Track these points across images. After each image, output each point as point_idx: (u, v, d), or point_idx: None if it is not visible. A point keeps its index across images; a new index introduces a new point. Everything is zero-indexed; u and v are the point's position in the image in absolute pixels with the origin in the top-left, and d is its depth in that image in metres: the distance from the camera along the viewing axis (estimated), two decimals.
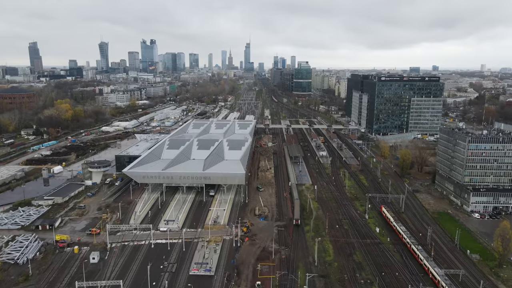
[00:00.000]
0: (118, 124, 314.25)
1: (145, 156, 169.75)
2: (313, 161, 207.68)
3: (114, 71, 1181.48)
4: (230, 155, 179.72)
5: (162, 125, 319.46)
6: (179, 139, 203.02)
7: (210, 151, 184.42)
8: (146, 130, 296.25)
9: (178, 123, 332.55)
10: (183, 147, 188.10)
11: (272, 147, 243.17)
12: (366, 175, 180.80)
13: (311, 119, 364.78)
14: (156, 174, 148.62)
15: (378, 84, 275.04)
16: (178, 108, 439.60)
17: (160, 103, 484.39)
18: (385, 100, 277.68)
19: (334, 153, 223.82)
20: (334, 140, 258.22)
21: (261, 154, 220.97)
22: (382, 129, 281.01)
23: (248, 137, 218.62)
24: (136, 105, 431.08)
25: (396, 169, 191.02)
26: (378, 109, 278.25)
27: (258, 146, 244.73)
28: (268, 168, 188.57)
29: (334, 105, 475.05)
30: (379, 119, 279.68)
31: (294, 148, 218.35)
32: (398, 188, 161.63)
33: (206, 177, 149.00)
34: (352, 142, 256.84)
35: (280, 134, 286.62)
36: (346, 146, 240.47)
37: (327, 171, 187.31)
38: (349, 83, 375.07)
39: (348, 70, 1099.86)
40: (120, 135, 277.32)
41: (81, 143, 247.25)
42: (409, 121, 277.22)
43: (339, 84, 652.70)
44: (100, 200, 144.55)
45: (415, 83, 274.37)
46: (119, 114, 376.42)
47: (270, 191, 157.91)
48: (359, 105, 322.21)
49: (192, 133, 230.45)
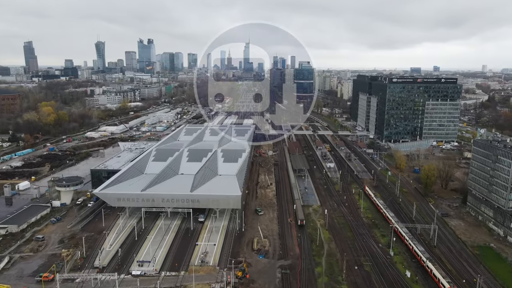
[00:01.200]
0: (105, 129, 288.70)
1: (126, 171, 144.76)
2: (320, 174, 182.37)
3: (110, 71, 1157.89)
4: (225, 169, 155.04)
5: (153, 130, 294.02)
6: (167, 149, 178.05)
7: (202, 163, 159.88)
8: (135, 136, 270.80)
9: (170, 127, 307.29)
10: (171, 158, 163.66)
11: (273, 156, 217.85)
12: (382, 192, 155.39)
13: (314, 123, 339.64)
14: (134, 196, 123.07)
15: (389, 86, 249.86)
16: (173, 110, 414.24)
17: (154, 105, 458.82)
18: (397, 103, 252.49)
19: (342, 164, 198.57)
20: (342, 148, 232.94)
21: (260, 166, 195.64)
22: (393, 135, 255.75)
23: (246, 146, 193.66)
24: (128, 107, 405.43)
25: (415, 184, 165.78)
26: (389, 114, 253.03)
27: (257, 155, 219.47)
28: (268, 184, 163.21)
29: (338, 108, 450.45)
30: (390, 124, 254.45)
31: (298, 159, 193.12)
32: (423, 211, 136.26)
33: (194, 200, 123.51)
34: (362, 150, 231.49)
35: (281, 141, 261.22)
36: (355, 156, 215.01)
37: (337, 188, 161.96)
38: (355, 85, 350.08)
39: (348, 70, 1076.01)
40: (105, 141, 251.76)
41: (60, 151, 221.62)
42: (423, 126, 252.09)
43: (342, 85, 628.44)
44: (65, 228, 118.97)
45: (430, 85, 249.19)
46: (108, 118, 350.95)
47: (271, 215, 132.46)
48: (366, 108, 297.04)
49: (183, 141, 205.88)
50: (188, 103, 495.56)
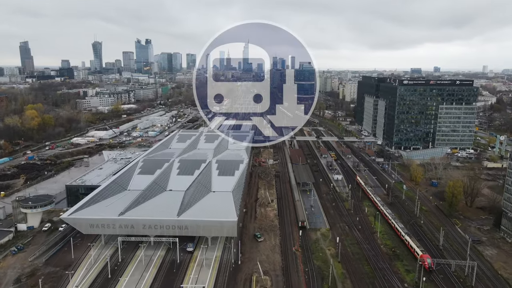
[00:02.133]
0: (93, 134, 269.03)
1: (106, 187, 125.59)
2: (326, 188, 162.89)
3: (107, 71, 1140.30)
4: (220, 184, 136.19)
5: (144, 136, 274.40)
6: (156, 160, 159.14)
7: (193, 177, 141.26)
8: (124, 142, 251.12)
9: (164, 132, 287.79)
10: (159, 171, 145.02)
11: (274, 166, 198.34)
12: (399, 211, 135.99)
13: (317, 128, 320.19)
14: (109, 222, 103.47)
15: (399, 88, 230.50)
16: (168, 113, 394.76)
17: (148, 108, 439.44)
18: (408, 107, 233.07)
19: (350, 175, 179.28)
20: (348, 157, 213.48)
21: (260, 177, 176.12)
22: (403, 142, 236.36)
23: (244, 156, 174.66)
24: (120, 110, 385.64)
25: (436, 201, 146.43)
26: (399, 119, 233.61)
27: (257, 164, 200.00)
28: (269, 201, 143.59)
29: (341, 110, 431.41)
30: (400, 130, 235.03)
31: (302, 170, 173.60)
32: (450, 236, 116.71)
33: (182, 226, 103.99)
34: (370, 159, 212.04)
35: (282, 147, 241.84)
36: (364, 166, 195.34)
37: (347, 205, 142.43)
38: (360, 87, 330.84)
39: (348, 71, 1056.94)
40: (92, 148, 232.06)
41: (40, 160, 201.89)
42: (436, 132, 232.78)
43: (344, 86, 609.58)
44: (26, 261, 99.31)
45: (444, 88, 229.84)
46: (99, 121, 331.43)
47: (273, 242, 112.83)
48: (373, 112, 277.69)
49: (175, 149, 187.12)
50: (184, 105, 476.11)
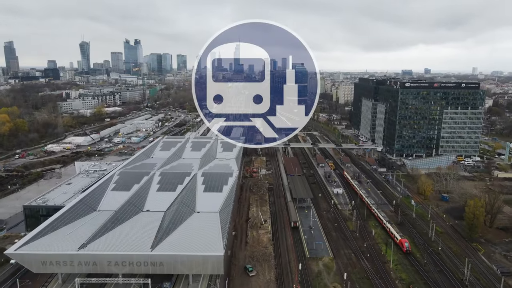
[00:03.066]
0: (71, 140, 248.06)
1: (71, 208, 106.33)
2: (326, 204, 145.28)
3: (95, 72, 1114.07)
4: (205, 203, 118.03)
5: (127, 142, 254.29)
6: (134, 173, 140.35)
7: (175, 194, 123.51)
8: (104, 150, 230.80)
9: (148, 138, 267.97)
10: (137, 186, 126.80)
11: (267, 177, 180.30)
12: (411, 234, 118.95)
13: (311, 132, 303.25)
14: (66, 258, 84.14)
15: (401, 91, 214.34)
16: (154, 117, 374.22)
17: (134, 110, 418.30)
18: (410, 112, 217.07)
19: (351, 188, 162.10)
20: (348, 166, 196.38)
21: (251, 191, 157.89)
22: (405, 148, 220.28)
23: (234, 167, 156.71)
24: (104, 113, 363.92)
25: (449, 219, 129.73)
26: (401, 124, 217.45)
27: (248, 175, 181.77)
28: (262, 221, 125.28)
29: (335, 113, 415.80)
30: (402, 136, 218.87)
31: (298, 183, 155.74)
32: (475, 267, 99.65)
33: (155, 262, 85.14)
34: (371, 168, 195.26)
35: (275, 155, 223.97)
36: (366, 177, 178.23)
37: (351, 226, 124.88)
38: (357, 89, 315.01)
39: (340, 72, 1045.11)
40: (67, 157, 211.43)
41: (6, 171, 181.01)
42: (440, 138, 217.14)
43: (337, 88, 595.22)
44: None
45: (449, 91, 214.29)
46: (80, 125, 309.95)
47: (267, 276, 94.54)
48: (371, 116, 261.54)
49: (158, 158, 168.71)
50: (172, 107, 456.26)
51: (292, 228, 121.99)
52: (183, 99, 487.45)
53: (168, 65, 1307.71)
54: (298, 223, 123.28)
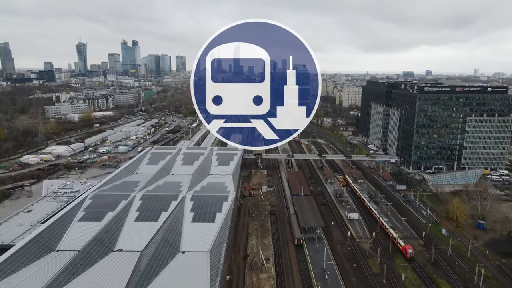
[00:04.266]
0: (52, 150, 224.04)
1: (23, 248, 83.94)
2: (340, 233, 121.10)
3: (91, 74, 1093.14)
4: (193, 239, 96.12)
5: (113, 152, 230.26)
6: (109, 196, 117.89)
7: (157, 225, 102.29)
8: (86, 161, 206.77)
9: (137, 147, 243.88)
10: (111, 215, 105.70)
11: (268, 196, 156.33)
12: (449, 278, 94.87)
13: (316, 140, 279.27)
14: None
15: (419, 97, 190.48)
16: (147, 122, 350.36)
17: (127, 115, 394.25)
18: (429, 119, 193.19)
19: (367, 210, 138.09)
20: (361, 182, 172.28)
21: (250, 216, 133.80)
22: (423, 160, 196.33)
23: (230, 186, 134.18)
24: (92, 118, 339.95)
25: (493, 256, 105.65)
26: (418, 133, 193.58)
27: (246, 194, 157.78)
28: (263, 261, 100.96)
29: (340, 118, 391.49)
30: (420, 146, 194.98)
31: (306, 206, 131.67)
32: None
33: None
34: (388, 185, 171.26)
35: (278, 168, 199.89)
36: (384, 197, 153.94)
37: (373, 266, 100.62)
38: (365, 92, 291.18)
39: (341, 74, 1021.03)
40: (42, 170, 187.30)
41: None
42: (463, 149, 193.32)
43: (340, 91, 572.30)
44: None
45: (473, 96, 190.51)
46: (65, 132, 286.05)
47: None
48: (383, 123, 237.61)
49: (142, 175, 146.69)
50: (168, 111, 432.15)
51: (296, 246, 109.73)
52: (179, 103, 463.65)
53: (166, 66, 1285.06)
54: (302, 240, 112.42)
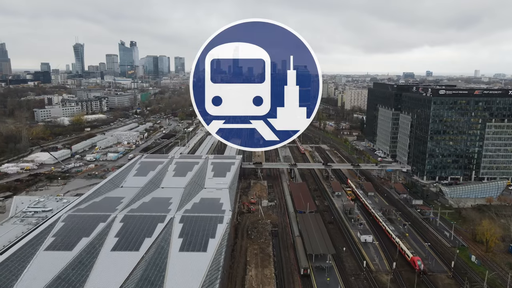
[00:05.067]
0: (35, 157, 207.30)
1: None
2: (353, 261, 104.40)
3: (88, 75, 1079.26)
4: (179, 275, 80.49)
5: (102, 159, 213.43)
6: (85, 218, 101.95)
7: (138, 256, 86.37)
8: (71, 171, 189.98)
9: (128, 154, 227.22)
10: (84, 242, 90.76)
11: (269, 213, 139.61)
12: None
13: (319, 145, 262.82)
14: None
15: (434, 100, 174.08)
16: (142, 125, 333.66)
17: (121, 118, 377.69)
18: (445, 125, 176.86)
19: (381, 230, 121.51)
20: (371, 195, 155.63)
21: (249, 237, 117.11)
22: (438, 170, 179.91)
23: (226, 204, 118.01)
24: (84, 121, 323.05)
25: None
26: (433, 140, 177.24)
27: (245, 210, 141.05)
28: None
29: (343, 121, 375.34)
30: (435, 154, 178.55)
31: (313, 227, 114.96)
32: None
33: None
34: (402, 198, 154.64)
35: (279, 178, 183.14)
36: (399, 214, 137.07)
37: None
38: (371, 95, 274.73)
39: (341, 75, 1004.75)
40: (21, 182, 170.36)
41: None
42: (482, 158, 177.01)
43: (342, 92, 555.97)
44: None
45: (493, 100, 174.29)
46: (53, 137, 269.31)
47: None
48: (391, 128, 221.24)
49: (128, 190, 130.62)
50: (164, 114, 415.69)
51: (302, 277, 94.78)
52: (175, 105, 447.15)
53: (165, 67, 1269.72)
54: (308, 270, 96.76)
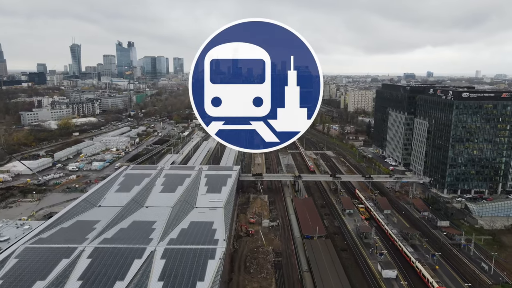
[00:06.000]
0: (11, 167, 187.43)
1: None
2: None
3: (85, 76, 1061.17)
4: None
5: (85, 169, 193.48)
6: (46, 252, 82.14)
7: None
8: (49, 183, 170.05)
9: (116, 162, 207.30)
10: (39, 285, 68.66)
11: (271, 235, 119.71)
12: None
13: (324, 152, 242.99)
14: None
15: (457, 104, 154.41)
16: (134, 129, 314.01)
17: (113, 121, 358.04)
18: (468, 132, 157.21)
19: (404, 260, 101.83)
20: (388, 214, 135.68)
21: (247, 271, 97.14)
22: (460, 182, 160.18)
23: (220, 229, 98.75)
24: (72, 125, 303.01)
25: None
26: (455, 149, 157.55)
27: (243, 233, 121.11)
28: None
29: (347, 124, 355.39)
30: (457, 165, 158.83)
31: (323, 259, 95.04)
32: None
33: None
34: (422, 217, 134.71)
35: (281, 191, 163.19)
36: (426, 241, 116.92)
37: None
38: (379, 97, 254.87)
39: (342, 75, 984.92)
40: None
41: None
42: (510, 169, 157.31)
43: (345, 94, 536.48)
44: None
45: None
46: (37, 143, 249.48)
47: None
48: (404, 134, 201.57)
49: (106, 210, 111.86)
50: (159, 117, 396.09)
51: None
52: (171, 107, 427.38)
53: (163, 68, 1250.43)
54: None
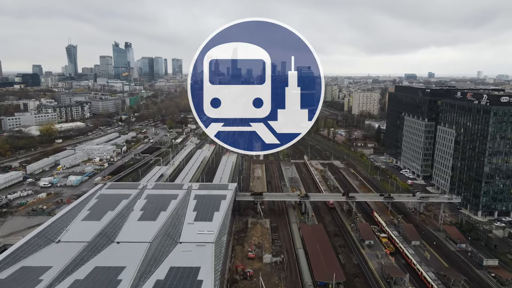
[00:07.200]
0: None
1: None
2: None
3: (81, 77, 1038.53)
4: None
5: (60, 184, 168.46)
6: None
7: None
8: (12, 204, 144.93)
9: (96, 176, 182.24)
10: None
11: (273, 277, 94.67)
12: None
13: (331, 161, 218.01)
14: None
15: (494, 111, 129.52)
16: (125, 135, 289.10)
17: (102, 126, 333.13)
18: (508, 144, 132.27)
19: None
20: (416, 246, 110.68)
21: None
22: (497, 203, 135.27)
23: (208, 280, 72.71)
24: (55, 132, 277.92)
25: None
26: (492, 164, 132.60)
27: (238, 276, 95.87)
28: None
29: (354, 128, 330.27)
30: (494, 182, 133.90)
31: None
32: None
33: None
34: (459, 249, 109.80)
35: (286, 214, 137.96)
36: (465, 282, 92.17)
37: None
38: (394, 101, 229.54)
39: (343, 76, 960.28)
40: None
41: None
42: None
43: (349, 96, 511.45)
44: None
45: None
46: (13, 152, 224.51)
47: None
48: (424, 143, 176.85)
49: (66, 247, 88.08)
50: (152, 121, 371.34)
51: None
52: (165, 111, 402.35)
53: (161, 69, 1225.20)
54: None
